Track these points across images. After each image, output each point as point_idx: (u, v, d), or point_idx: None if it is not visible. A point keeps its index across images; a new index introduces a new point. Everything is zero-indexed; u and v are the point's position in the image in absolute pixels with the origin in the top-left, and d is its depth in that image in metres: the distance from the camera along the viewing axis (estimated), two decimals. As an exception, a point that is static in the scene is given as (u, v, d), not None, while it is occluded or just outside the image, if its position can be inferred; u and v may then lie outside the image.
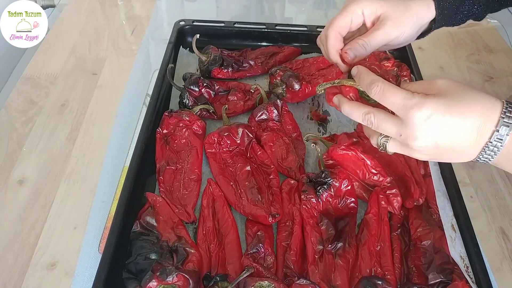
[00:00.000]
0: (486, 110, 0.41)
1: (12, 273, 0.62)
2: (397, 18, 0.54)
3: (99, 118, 0.85)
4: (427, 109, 0.42)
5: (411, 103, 0.43)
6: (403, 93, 0.44)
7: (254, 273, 0.55)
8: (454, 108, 0.42)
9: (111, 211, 0.69)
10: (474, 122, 0.41)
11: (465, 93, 0.42)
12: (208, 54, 0.87)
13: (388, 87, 0.46)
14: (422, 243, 0.60)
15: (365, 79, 0.48)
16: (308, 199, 0.64)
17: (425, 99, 0.42)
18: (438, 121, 0.42)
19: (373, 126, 0.48)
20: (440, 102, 0.42)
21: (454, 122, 0.42)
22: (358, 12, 0.55)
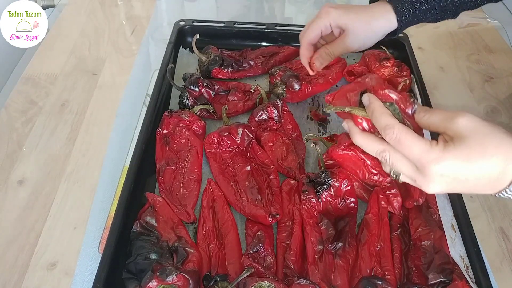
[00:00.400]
0: (507, 154, 0.39)
1: (12, 273, 0.62)
2: (357, 34, 0.63)
3: (99, 118, 0.85)
4: (445, 165, 0.40)
5: (429, 158, 0.41)
6: (421, 144, 0.42)
7: (254, 273, 0.55)
8: (474, 159, 0.40)
9: (111, 211, 0.69)
10: (494, 170, 0.40)
11: (487, 139, 0.40)
12: (208, 54, 0.87)
13: (405, 135, 0.43)
14: (422, 243, 0.60)
15: (379, 121, 0.45)
16: (308, 199, 0.64)
17: (444, 153, 0.40)
18: (455, 173, 0.41)
19: (387, 163, 0.46)
20: (460, 153, 0.40)
21: (473, 172, 0.40)
22: (327, 25, 0.64)
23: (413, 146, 0.42)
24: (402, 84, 0.81)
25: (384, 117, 0.45)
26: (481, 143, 0.39)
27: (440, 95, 0.92)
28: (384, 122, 0.44)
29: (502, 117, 0.88)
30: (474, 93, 0.94)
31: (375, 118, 0.46)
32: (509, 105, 0.90)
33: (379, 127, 0.45)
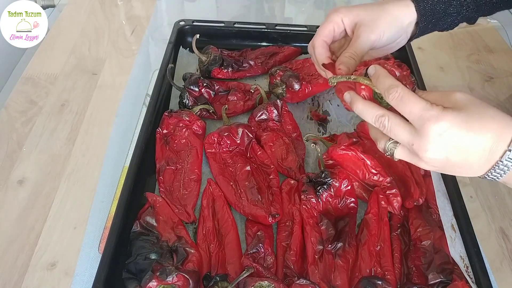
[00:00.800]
0: (501, 129, 0.41)
1: (12, 273, 0.62)
2: (372, 22, 0.56)
3: (99, 118, 0.85)
4: (445, 123, 0.41)
5: (429, 114, 0.42)
6: (422, 102, 0.43)
7: (254, 273, 0.55)
8: (470, 125, 0.41)
9: (111, 211, 0.69)
10: (488, 140, 0.41)
11: (482, 110, 0.42)
12: (208, 54, 0.87)
13: (408, 94, 0.44)
14: (422, 243, 0.60)
15: (383, 82, 0.47)
16: (308, 199, 0.64)
17: (444, 113, 0.42)
18: (453, 136, 0.41)
19: (385, 129, 0.47)
20: (458, 117, 0.41)
21: (468, 139, 0.41)
22: (338, 21, 0.58)
23: (415, 104, 0.43)
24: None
25: (389, 78, 0.46)
26: (478, 112, 0.41)
27: (440, 95, 0.92)
28: (389, 82, 0.46)
29: (502, 117, 0.88)
30: (474, 93, 0.93)
31: (380, 80, 0.47)
32: (509, 105, 0.90)
33: (384, 88, 0.46)
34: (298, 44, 0.95)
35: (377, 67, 0.49)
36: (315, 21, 0.98)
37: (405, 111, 0.44)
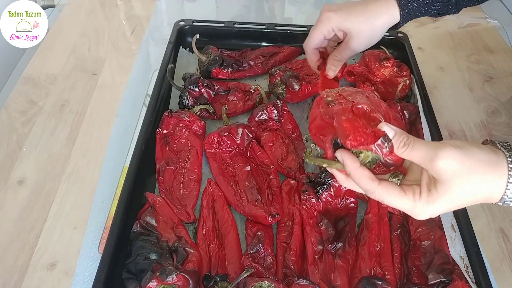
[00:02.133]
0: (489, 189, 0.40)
1: (12, 273, 0.62)
2: (361, 36, 0.62)
3: (99, 118, 0.85)
4: (433, 213, 0.42)
5: (414, 212, 0.43)
6: (404, 203, 0.43)
7: (254, 273, 0.55)
8: (460, 200, 0.41)
9: (111, 211, 0.69)
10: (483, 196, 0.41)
11: (468, 182, 0.40)
12: (208, 54, 0.87)
13: (386, 197, 0.43)
14: (422, 243, 0.60)
15: (358, 184, 0.44)
16: (308, 199, 0.64)
17: (428, 207, 0.42)
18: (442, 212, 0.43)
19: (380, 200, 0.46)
20: (443, 202, 0.41)
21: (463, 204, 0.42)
22: (329, 30, 0.63)
23: (397, 204, 0.43)
24: (402, 84, 0.81)
25: (362, 183, 0.44)
26: (462, 186, 0.40)
27: (440, 95, 0.92)
28: (364, 187, 0.44)
29: (502, 117, 0.88)
30: (474, 93, 0.94)
31: (355, 182, 0.45)
32: (509, 105, 0.90)
33: (361, 188, 0.45)
34: (298, 44, 0.95)
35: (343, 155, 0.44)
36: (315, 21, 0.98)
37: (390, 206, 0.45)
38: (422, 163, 0.42)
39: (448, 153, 0.40)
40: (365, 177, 0.43)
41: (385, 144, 0.43)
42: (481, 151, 0.40)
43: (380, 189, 0.43)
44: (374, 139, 0.43)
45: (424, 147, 0.41)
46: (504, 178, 0.39)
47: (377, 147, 0.43)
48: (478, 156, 0.40)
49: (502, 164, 0.40)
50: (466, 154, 0.40)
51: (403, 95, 0.84)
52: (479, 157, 0.40)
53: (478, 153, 0.40)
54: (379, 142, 0.42)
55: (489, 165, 0.40)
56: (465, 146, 0.40)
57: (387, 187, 0.43)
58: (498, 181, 0.40)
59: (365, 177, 0.43)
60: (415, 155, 0.42)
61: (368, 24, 0.62)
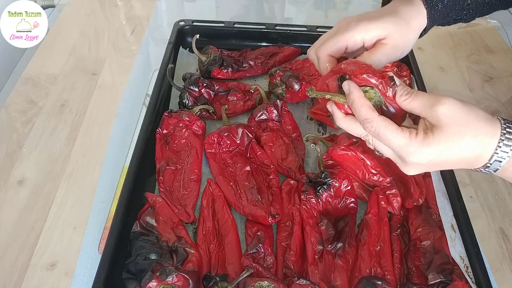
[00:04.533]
0: (483, 142, 0.42)
1: (12, 273, 0.62)
2: (401, 40, 0.53)
3: (99, 118, 0.85)
4: (424, 156, 0.42)
5: (407, 151, 0.43)
6: (399, 138, 0.43)
7: (254, 273, 0.55)
8: (451, 149, 0.42)
9: (111, 211, 0.69)
10: (470, 155, 0.42)
11: (465, 128, 0.41)
12: (208, 54, 0.87)
13: (383, 130, 0.43)
14: (422, 243, 0.60)
15: (357, 113, 0.45)
16: (308, 199, 0.64)
17: (422, 147, 0.42)
18: (434, 160, 0.43)
19: (370, 146, 0.48)
20: (438, 145, 0.42)
21: (451, 158, 0.42)
22: (357, 39, 0.53)
23: (391, 139, 0.43)
24: (402, 84, 0.81)
25: (362, 110, 0.44)
26: (459, 133, 0.41)
27: (440, 95, 0.92)
28: (363, 116, 0.44)
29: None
30: (474, 93, 0.94)
31: (354, 111, 0.45)
32: (509, 105, 0.90)
33: (359, 120, 0.45)
34: (298, 44, 0.95)
35: (350, 85, 0.45)
36: (315, 21, 0.99)
37: (384, 143, 0.45)
38: (422, 110, 0.43)
39: (450, 101, 0.42)
40: (366, 106, 0.44)
41: (391, 84, 0.45)
42: (479, 110, 0.43)
43: (379, 119, 0.44)
44: (382, 76, 0.45)
45: (426, 96, 0.43)
46: (495, 138, 0.41)
47: (383, 85, 0.45)
48: (477, 112, 0.42)
49: (497, 125, 0.42)
50: (466, 106, 0.42)
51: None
52: (478, 112, 0.42)
53: (478, 110, 0.43)
54: (386, 80, 0.45)
55: (486, 121, 0.42)
56: (465, 101, 0.42)
57: (386, 120, 0.44)
58: (491, 138, 0.41)
59: (367, 105, 0.44)
60: (416, 103, 0.43)
61: (406, 25, 0.54)
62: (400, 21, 0.53)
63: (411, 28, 0.54)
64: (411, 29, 0.54)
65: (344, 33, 0.53)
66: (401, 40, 0.54)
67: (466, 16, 0.59)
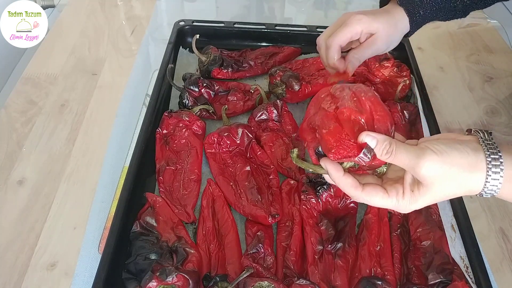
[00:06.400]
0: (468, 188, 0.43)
1: (12, 273, 0.62)
2: (387, 36, 0.64)
3: (99, 118, 0.85)
4: (418, 207, 0.45)
5: (399, 209, 0.46)
6: (388, 202, 0.46)
7: (254, 273, 0.55)
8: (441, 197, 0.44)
9: (111, 211, 0.69)
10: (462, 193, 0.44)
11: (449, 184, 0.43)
12: (208, 54, 0.87)
13: (371, 199, 0.46)
14: (422, 243, 0.60)
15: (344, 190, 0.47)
16: (308, 199, 0.64)
17: (412, 205, 0.45)
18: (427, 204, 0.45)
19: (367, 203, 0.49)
20: (426, 200, 0.44)
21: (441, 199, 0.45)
22: (358, 31, 0.63)
23: (382, 205, 0.46)
24: (402, 84, 0.81)
25: (347, 189, 0.47)
26: (444, 188, 0.43)
27: (440, 95, 0.92)
28: (349, 194, 0.47)
29: (502, 117, 0.88)
30: (473, 93, 0.94)
31: (341, 188, 0.47)
32: (509, 105, 0.90)
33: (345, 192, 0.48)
34: (298, 44, 0.95)
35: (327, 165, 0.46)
36: (315, 21, 0.99)
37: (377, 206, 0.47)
38: (406, 167, 0.44)
39: (429, 162, 0.42)
40: (349, 185, 0.46)
41: (367, 155, 0.44)
42: (460, 155, 0.42)
43: (364, 195, 0.46)
44: (356, 151, 0.44)
45: (406, 155, 0.43)
46: (482, 175, 0.42)
47: (359, 159, 0.44)
48: (458, 161, 0.42)
49: (481, 164, 0.42)
50: (446, 161, 0.42)
51: (403, 95, 0.84)
52: (458, 162, 0.42)
53: (458, 158, 0.42)
54: (361, 155, 0.44)
55: (469, 168, 0.42)
56: (445, 151, 0.42)
57: (371, 192, 0.46)
58: (477, 182, 0.42)
59: (349, 185, 0.46)
60: (398, 161, 0.44)
61: (393, 26, 0.64)
62: (391, 21, 0.64)
63: (398, 29, 0.65)
64: (398, 30, 0.65)
65: (352, 25, 0.62)
66: (388, 38, 0.64)
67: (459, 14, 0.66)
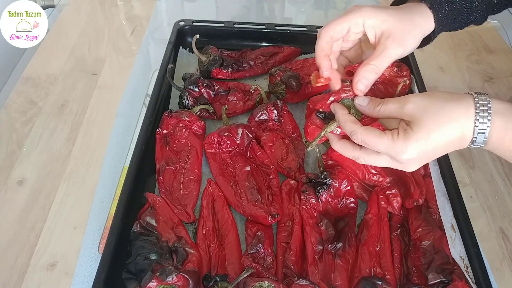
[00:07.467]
0: (459, 121, 0.44)
1: (12, 273, 0.62)
2: (402, 34, 0.51)
3: (99, 118, 0.85)
4: (412, 150, 0.45)
5: (395, 150, 0.46)
6: (383, 141, 0.47)
7: (254, 273, 0.55)
8: (433, 135, 0.44)
9: (111, 211, 0.69)
10: (454, 135, 0.45)
11: (437, 114, 0.44)
12: (208, 54, 0.87)
13: (368, 137, 0.48)
14: (422, 243, 0.60)
15: (344, 128, 0.50)
16: (308, 200, 0.64)
17: (406, 143, 0.45)
18: (423, 151, 0.46)
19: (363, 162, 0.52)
20: (420, 137, 0.45)
21: (437, 144, 0.45)
22: (358, 22, 0.52)
23: (378, 144, 0.47)
24: (402, 84, 0.81)
25: (347, 125, 0.50)
26: (434, 121, 0.44)
27: (440, 95, 0.92)
28: (349, 130, 0.50)
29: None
30: (474, 93, 0.93)
31: (342, 127, 0.51)
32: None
33: (347, 133, 0.51)
34: (298, 44, 0.95)
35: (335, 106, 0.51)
36: (315, 21, 0.99)
37: (372, 149, 0.49)
38: (397, 113, 0.47)
39: (416, 97, 0.46)
40: (349, 121, 0.49)
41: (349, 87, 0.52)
42: (445, 93, 0.46)
43: (362, 130, 0.48)
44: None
45: (396, 99, 0.48)
46: (471, 113, 0.44)
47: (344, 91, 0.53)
48: (443, 95, 0.45)
49: (468, 101, 0.44)
50: (433, 97, 0.45)
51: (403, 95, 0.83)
52: (445, 97, 0.45)
53: (443, 94, 0.46)
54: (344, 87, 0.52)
55: (454, 101, 0.44)
56: (430, 92, 0.47)
57: (368, 129, 0.48)
58: (467, 115, 0.44)
59: (350, 120, 0.49)
60: (390, 109, 0.47)
61: (408, 21, 0.52)
62: (402, 17, 0.52)
63: (415, 24, 0.53)
64: (415, 26, 0.52)
65: (348, 14, 0.52)
66: (401, 36, 0.51)
67: (476, 18, 0.58)
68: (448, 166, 0.67)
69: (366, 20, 0.52)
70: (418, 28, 0.53)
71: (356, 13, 0.52)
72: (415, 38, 0.53)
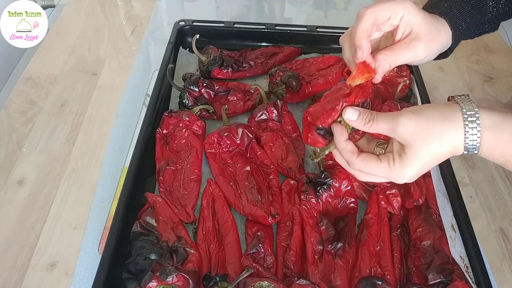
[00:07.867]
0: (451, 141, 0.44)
1: (12, 273, 0.62)
2: (429, 41, 0.51)
3: (99, 118, 0.85)
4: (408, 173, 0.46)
5: (392, 176, 0.47)
6: (380, 168, 0.47)
7: (254, 273, 0.55)
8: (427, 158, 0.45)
9: (111, 211, 0.69)
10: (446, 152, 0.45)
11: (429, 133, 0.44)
12: (208, 54, 0.87)
13: (364, 166, 0.48)
14: (422, 243, 0.60)
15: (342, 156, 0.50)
16: (308, 200, 0.64)
17: (403, 169, 0.46)
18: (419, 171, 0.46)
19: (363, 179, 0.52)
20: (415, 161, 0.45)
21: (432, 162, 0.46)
22: (399, 13, 0.50)
23: (375, 172, 0.48)
24: (402, 84, 0.81)
25: (344, 154, 0.49)
26: (426, 143, 0.44)
27: (440, 95, 0.92)
28: (346, 159, 0.50)
29: (502, 117, 0.88)
30: (474, 93, 0.93)
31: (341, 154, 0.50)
32: (509, 106, 0.90)
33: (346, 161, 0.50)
34: (298, 44, 0.95)
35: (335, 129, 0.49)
36: (315, 21, 0.99)
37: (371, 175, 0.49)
38: (388, 133, 0.46)
39: (406, 120, 0.45)
40: (346, 150, 0.49)
41: None
42: (434, 111, 0.45)
43: (358, 160, 0.48)
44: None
45: (386, 119, 0.46)
46: (460, 129, 0.44)
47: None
48: (432, 114, 0.45)
49: (457, 116, 0.44)
50: (421, 116, 0.44)
51: (403, 95, 0.83)
52: (433, 114, 0.45)
53: (432, 113, 0.45)
54: None
55: (443, 121, 0.44)
56: (420, 109, 0.45)
57: (365, 158, 0.48)
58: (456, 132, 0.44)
59: (347, 150, 0.49)
60: (380, 128, 0.46)
61: (436, 35, 0.52)
62: (431, 26, 0.52)
63: (439, 36, 0.53)
64: (439, 38, 0.53)
65: (393, 2, 0.50)
66: (429, 45, 0.52)
67: (488, 28, 0.59)
68: (448, 166, 0.67)
69: (406, 15, 0.50)
70: (442, 41, 0.54)
71: (399, 4, 0.50)
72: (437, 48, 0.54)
